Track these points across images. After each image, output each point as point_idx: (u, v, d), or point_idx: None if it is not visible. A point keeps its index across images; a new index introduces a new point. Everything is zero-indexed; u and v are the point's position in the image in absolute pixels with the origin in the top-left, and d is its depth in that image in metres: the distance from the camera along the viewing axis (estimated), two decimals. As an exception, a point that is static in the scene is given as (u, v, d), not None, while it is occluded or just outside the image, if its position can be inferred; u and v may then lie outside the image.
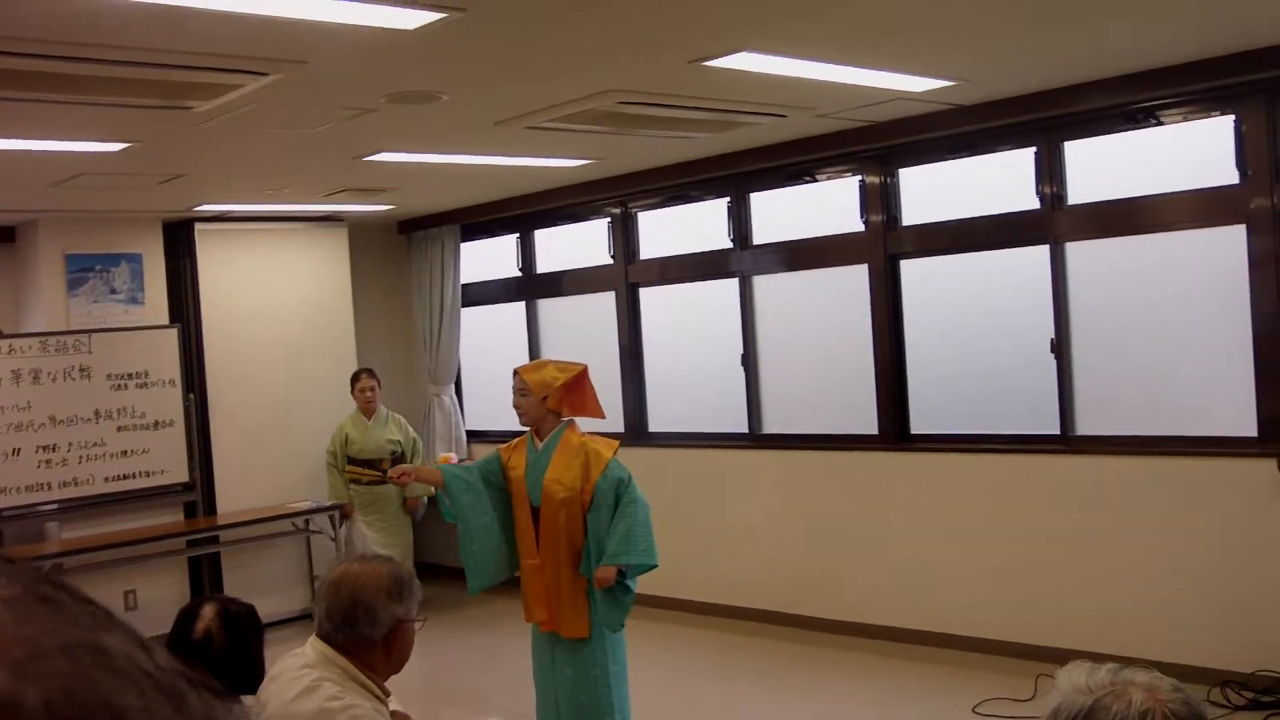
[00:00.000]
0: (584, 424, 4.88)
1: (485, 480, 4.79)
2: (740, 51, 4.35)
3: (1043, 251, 6.13)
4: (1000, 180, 6.33)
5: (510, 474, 4.77)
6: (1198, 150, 5.68)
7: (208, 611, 2.88)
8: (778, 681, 6.30)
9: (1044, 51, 4.90)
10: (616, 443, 4.78)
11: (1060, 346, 6.11)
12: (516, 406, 4.74)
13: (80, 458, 7.70)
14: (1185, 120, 5.66)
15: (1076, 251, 6.08)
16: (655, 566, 4.70)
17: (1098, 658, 5.24)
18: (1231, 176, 5.49)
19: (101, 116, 4.74)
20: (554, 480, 4.61)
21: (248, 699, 2.83)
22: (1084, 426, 6.10)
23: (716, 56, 4.39)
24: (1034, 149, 6.09)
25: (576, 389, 4.71)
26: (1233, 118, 5.45)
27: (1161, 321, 5.85)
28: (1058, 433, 6.15)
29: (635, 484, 4.64)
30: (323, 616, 2.65)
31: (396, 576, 2.68)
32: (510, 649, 7.13)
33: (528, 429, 4.81)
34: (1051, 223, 6.09)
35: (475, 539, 4.72)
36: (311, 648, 2.67)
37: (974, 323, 6.56)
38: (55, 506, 7.65)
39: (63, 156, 5.58)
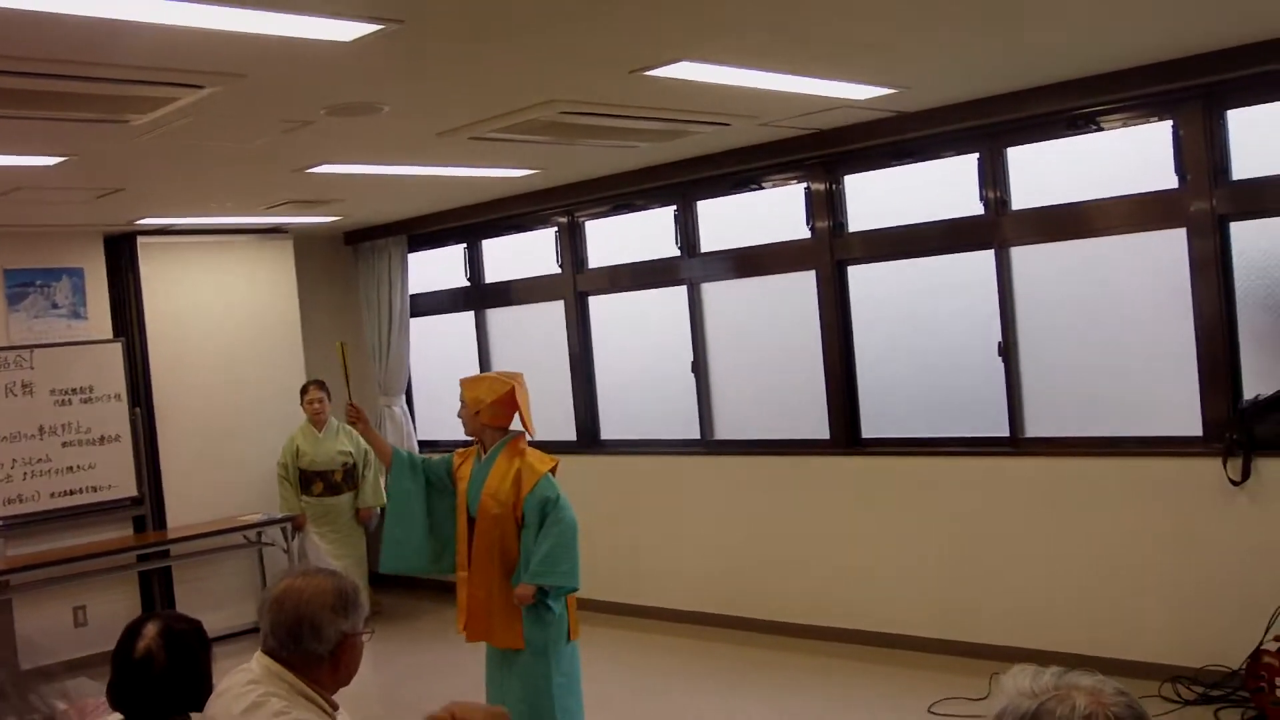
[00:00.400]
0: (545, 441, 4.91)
1: (429, 476, 4.93)
2: (679, 61, 4.35)
3: (988, 256, 6.18)
4: (945, 186, 6.38)
5: (458, 483, 4.85)
6: (1138, 155, 5.73)
7: (149, 630, 2.83)
8: (732, 685, 6.30)
9: (984, 59, 4.94)
10: (555, 460, 4.78)
11: (1008, 349, 6.16)
12: (459, 416, 4.86)
13: (25, 474, 7.59)
14: (1125, 126, 5.72)
15: (1021, 256, 6.13)
16: (575, 589, 4.70)
17: (1050, 656, 5.26)
18: (1171, 181, 5.56)
19: (37, 130, 4.67)
20: (489, 495, 4.68)
21: (195, 716, 2.80)
22: (1032, 428, 6.15)
23: (656, 66, 4.39)
24: (977, 155, 6.14)
25: (506, 404, 4.77)
26: (1171, 123, 5.52)
27: (1107, 324, 5.91)
28: (1007, 435, 6.20)
29: (564, 503, 4.64)
30: (267, 632, 2.62)
31: (340, 591, 2.65)
32: (463, 658, 7.08)
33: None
34: (996, 228, 6.14)
35: (398, 524, 4.89)
36: (257, 663, 2.64)
37: (922, 327, 6.60)
38: (0, 523, 7.54)
39: (0, 170, 5.50)
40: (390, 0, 3.38)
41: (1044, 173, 6.03)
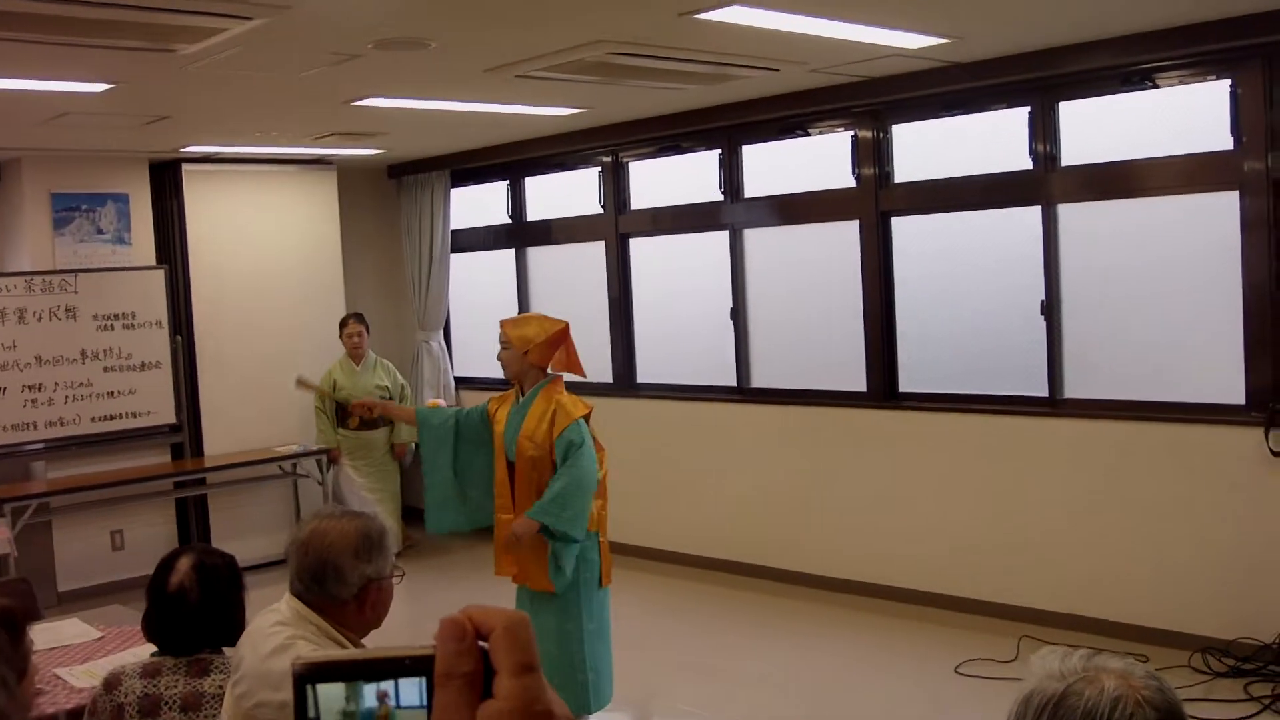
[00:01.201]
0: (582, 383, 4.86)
1: (459, 429, 4.86)
2: (731, 5, 4.28)
3: (1035, 212, 6.09)
4: (994, 139, 6.28)
5: (495, 427, 4.79)
6: (1193, 114, 5.62)
7: (183, 564, 2.86)
8: (759, 635, 6.34)
9: (1040, 10, 4.83)
10: (589, 407, 4.71)
11: (1050, 308, 6.09)
12: (499, 359, 4.76)
13: (66, 398, 7.68)
14: (1181, 84, 5.59)
15: (1069, 213, 6.03)
16: (576, 541, 4.58)
17: (1079, 620, 5.27)
18: (1226, 142, 5.44)
19: (85, 57, 4.67)
20: (526, 437, 4.62)
21: (227, 650, 2.83)
22: (1072, 389, 6.09)
23: (707, 9, 4.32)
24: (1028, 108, 6.03)
25: (556, 346, 4.70)
26: (1229, 82, 5.39)
27: (1152, 286, 5.82)
28: (1046, 395, 6.14)
29: (587, 452, 4.55)
30: (294, 575, 2.64)
31: (365, 534, 2.64)
32: (493, 597, 7.15)
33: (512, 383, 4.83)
34: (1045, 184, 6.04)
35: (432, 484, 4.85)
36: (286, 605, 2.66)
37: (964, 282, 6.53)
38: (41, 446, 7.65)
39: (47, 96, 5.50)
40: (440, -64, 3.33)
41: (1095, 129, 5.93)
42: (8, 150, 7.46)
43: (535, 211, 8.85)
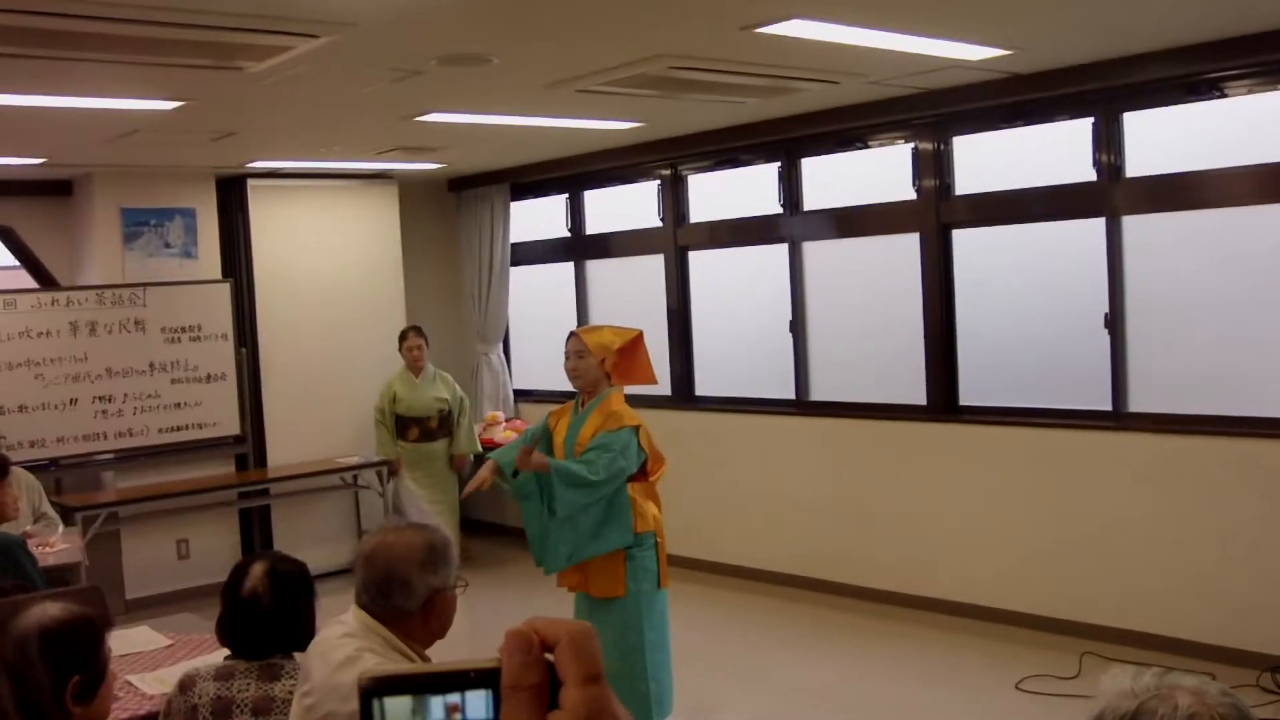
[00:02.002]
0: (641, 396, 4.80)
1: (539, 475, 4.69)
2: (792, 18, 4.29)
3: (1099, 224, 6.03)
4: (1056, 151, 6.23)
5: (554, 439, 4.77)
6: (1261, 124, 5.54)
7: (256, 570, 2.91)
8: (817, 649, 6.31)
9: (1102, 20, 4.79)
10: (639, 421, 4.62)
11: (1114, 321, 6.02)
12: (573, 370, 4.67)
13: (135, 409, 7.83)
14: (1250, 93, 5.52)
15: (1134, 225, 5.97)
16: (554, 515, 4.47)
17: (1143, 638, 5.19)
18: (1296, 152, 5.36)
19: (155, 76, 4.77)
20: (581, 444, 4.58)
21: (297, 656, 2.88)
22: (1136, 403, 6.02)
23: (767, 23, 4.34)
24: (1091, 119, 5.98)
25: (632, 353, 4.69)
26: (1299, 91, 5.32)
27: (1219, 299, 5.73)
28: (1109, 409, 6.07)
29: (617, 459, 4.44)
30: (360, 588, 2.67)
31: (431, 546, 2.67)
32: (551, 606, 7.19)
33: (576, 393, 4.78)
34: (1109, 195, 5.98)
35: (529, 524, 4.69)
36: (353, 617, 2.70)
37: (1026, 295, 6.47)
38: (111, 456, 7.80)
39: (118, 113, 5.62)
40: (504, -46, 3.37)
41: (1161, 139, 5.86)
42: (80, 167, 7.62)
43: (594, 225, 8.89)
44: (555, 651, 0.69)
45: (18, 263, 8.46)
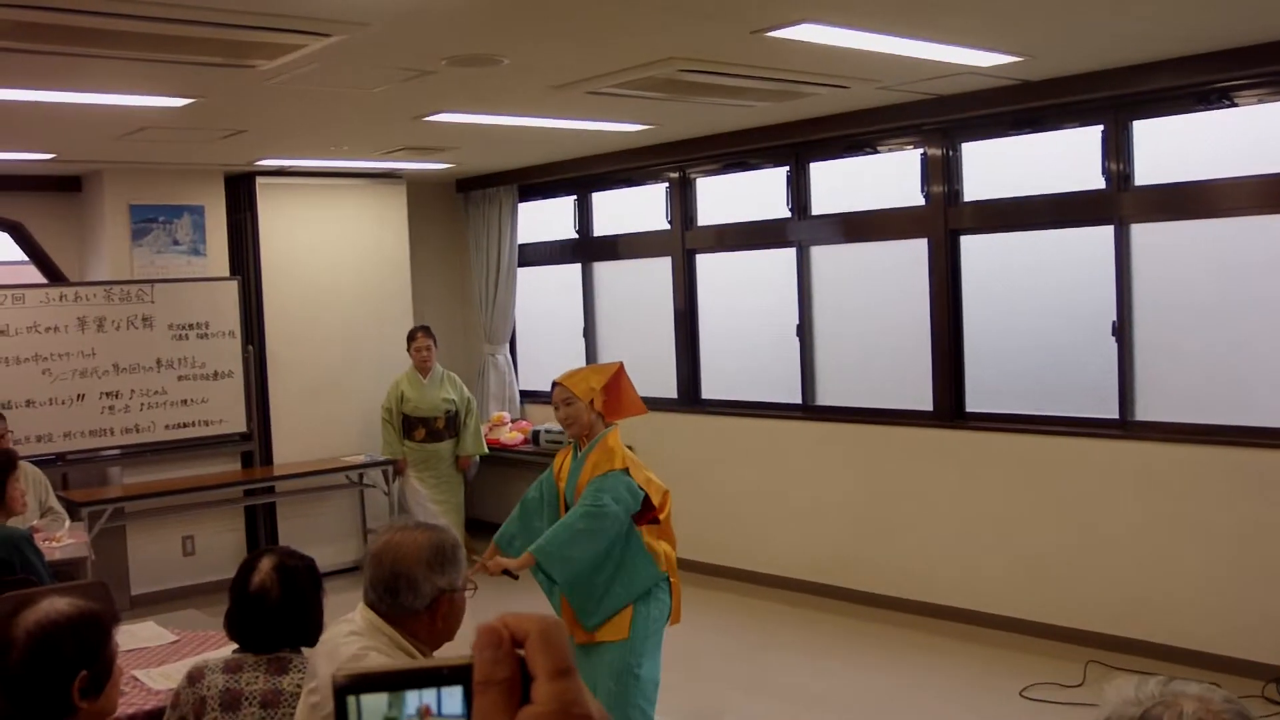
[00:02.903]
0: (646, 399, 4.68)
1: (551, 513, 4.62)
2: (803, 23, 4.30)
3: (1107, 232, 6.03)
4: (1065, 158, 6.23)
5: (558, 483, 4.61)
6: (1271, 133, 5.53)
7: (264, 565, 2.92)
8: (820, 655, 6.30)
9: (1112, 28, 4.79)
10: (628, 463, 4.42)
11: (1122, 329, 6.02)
12: (565, 419, 4.52)
13: (142, 405, 7.84)
14: (1260, 102, 5.52)
15: (1142, 233, 5.96)
16: (555, 583, 4.38)
17: (1147, 647, 5.18)
18: (1306, 161, 5.36)
19: (166, 73, 4.78)
20: (583, 487, 4.41)
21: (306, 650, 2.89)
22: (1144, 412, 6.01)
23: (778, 27, 4.34)
24: (1101, 127, 5.98)
25: (616, 387, 4.54)
26: (1310, 101, 5.31)
27: (1228, 308, 5.72)
28: (1116, 417, 6.07)
29: (609, 504, 4.28)
30: (367, 586, 2.68)
31: (438, 546, 2.68)
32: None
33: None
34: (1117, 203, 5.98)
35: (551, 596, 4.57)
36: (360, 615, 2.70)
37: (1034, 302, 6.47)
38: (118, 452, 7.82)
39: (128, 110, 5.63)
40: (517, -45, 3.38)
41: (1170, 148, 5.85)
42: (90, 163, 7.63)
43: (602, 227, 8.89)
44: (525, 646, 0.69)
45: (27, 258, 8.47)
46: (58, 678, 2.36)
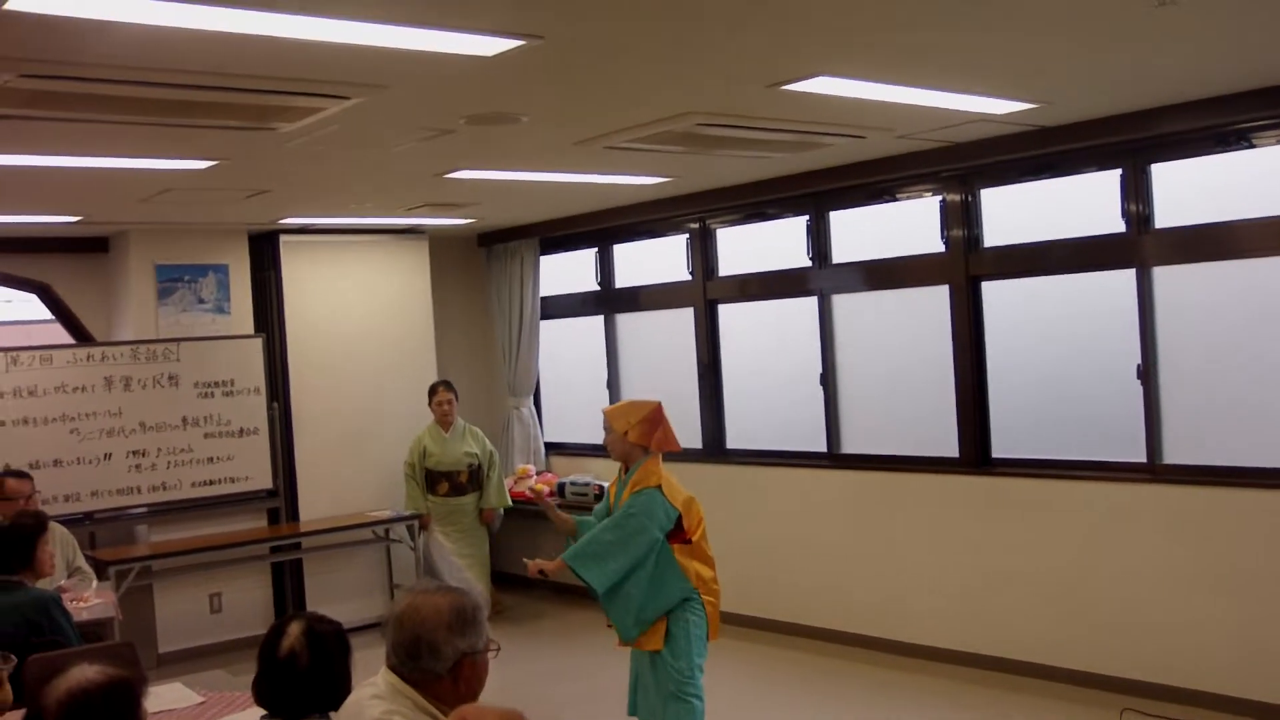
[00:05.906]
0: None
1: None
2: (818, 76, 4.33)
3: (1129, 275, 6.01)
4: (1085, 202, 6.22)
5: (610, 501, 5.09)
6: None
7: (294, 630, 2.91)
8: (849, 704, 6.24)
9: (1129, 72, 4.80)
10: (659, 480, 4.87)
11: (1147, 373, 5.98)
12: (607, 445, 5.06)
13: (169, 463, 7.88)
14: (1278, 143, 5.51)
15: (1164, 276, 5.94)
16: (592, 590, 4.81)
17: (1180, 693, 5.13)
18: (1327, 202, 5.34)
19: (190, 136, 4.85)
20: (623, 503, 4.91)
21: (333, 716, 2.88)
22: (1171, 455, 5.96)
23: (795, 80, 4.37)
24: (1119, 171, 5.98)
25: (653, 424, 4.95)
26: (1329, 142, 5.30)
27: (1254, 350, 5.68)
28: (1144, 460, 6.02)
29: (640, 518, 4.77)
30: (390, 650, 2.67)
31: (458, 609, 2.67)
32: (585, 662, 7.16)
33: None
34: (1138, 246, 5.97)
35: (609, 601, 4.91)
36: (383, 679, 2.69)
37: (1058, 347, 6.45)
38: (145, 510, 7.85)
39: (153, 173, 5.71)
40: (531, 17, 3.42)
41: (1191, 190, 5.84)
42: (116, 224, 7.72)
43: (624, 278, 8.92)
44: None
45: (54, 318, 8.56)
46: None
